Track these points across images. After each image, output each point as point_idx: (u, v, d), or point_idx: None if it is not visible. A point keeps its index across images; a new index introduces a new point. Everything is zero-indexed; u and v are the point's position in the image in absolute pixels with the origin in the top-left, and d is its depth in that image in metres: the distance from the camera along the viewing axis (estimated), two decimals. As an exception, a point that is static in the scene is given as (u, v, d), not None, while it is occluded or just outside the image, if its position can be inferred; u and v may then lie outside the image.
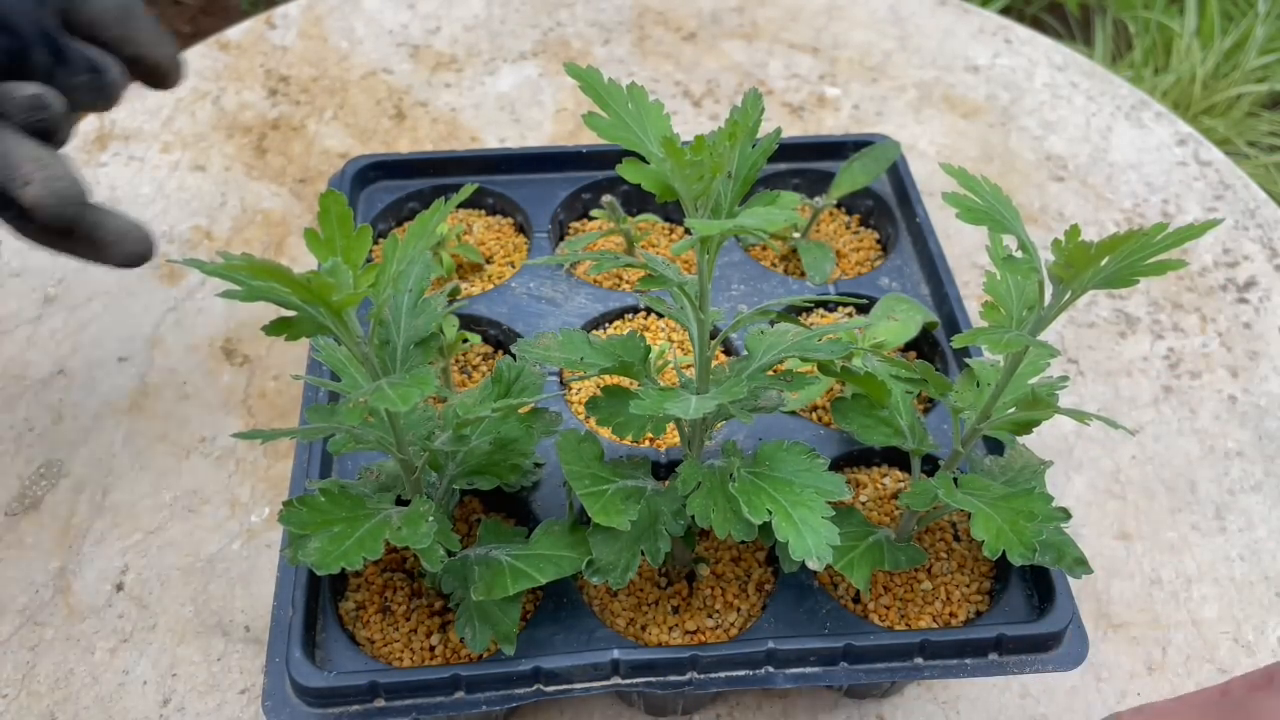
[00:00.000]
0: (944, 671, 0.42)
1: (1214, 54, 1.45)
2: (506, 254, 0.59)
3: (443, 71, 0.79)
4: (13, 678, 0.48)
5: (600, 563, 0.40)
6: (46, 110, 0.42)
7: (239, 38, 0.81)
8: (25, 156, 0.41)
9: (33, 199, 0.40)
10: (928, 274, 0.57)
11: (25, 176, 0.40)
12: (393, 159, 0.60)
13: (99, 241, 0.45)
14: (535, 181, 0.60)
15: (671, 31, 0.83)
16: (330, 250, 0.33)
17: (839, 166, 0.60)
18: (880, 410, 0.44)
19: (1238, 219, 0.71)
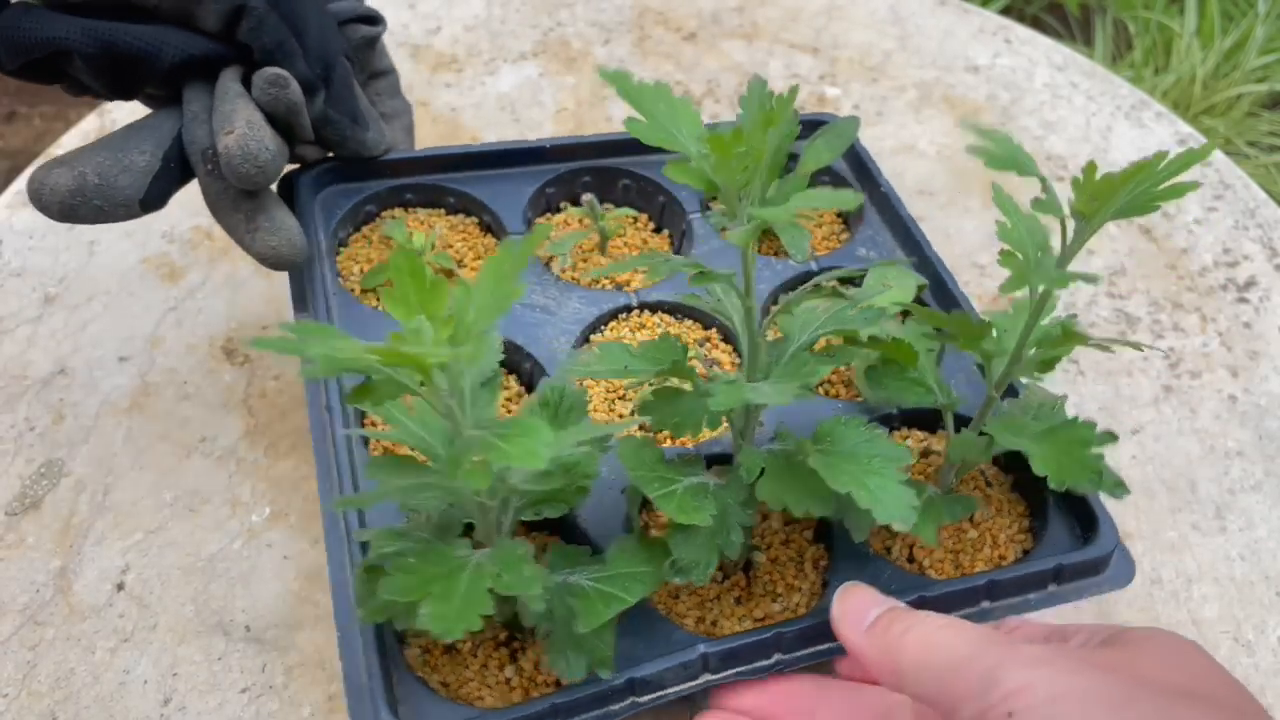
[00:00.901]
0: (1009, 610, 0.44)
1: (1214, 54, 1.46)
2: (477, 255, 0.57)
3: (443, 71, 0.79)
4: (13, 677, 0.48)
5: (683, 562, 0.39)
6: (285, 89, 0.45)
7: (239, 38, 0.81)
8: (243, 116, 0.44)
9: (224, 146, 0.43)
10: (902, 240, 0.58)
11: (231, 127, 0.43)
12: (348, 167, 0.57)
13: (252, 224, 0.46)
14: (496, 178, 0.59)
15: (671, 31, 0.83)
16: (410, 310, 0.32)
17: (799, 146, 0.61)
18: (910, 372, 0.45)
19: (1238, 219, 0.71)
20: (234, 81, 0.46)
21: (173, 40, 0.45)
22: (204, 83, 0.46)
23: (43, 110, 1.63)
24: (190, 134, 0.46)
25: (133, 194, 0.44)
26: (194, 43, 0.45)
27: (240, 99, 0.45)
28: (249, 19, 0.45)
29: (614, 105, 0.77)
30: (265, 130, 0.44)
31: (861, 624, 0.38)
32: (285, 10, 0.46)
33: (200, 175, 0.46)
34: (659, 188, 0.59)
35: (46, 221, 0.67)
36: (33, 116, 1.62)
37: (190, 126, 0.46)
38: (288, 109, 0.46)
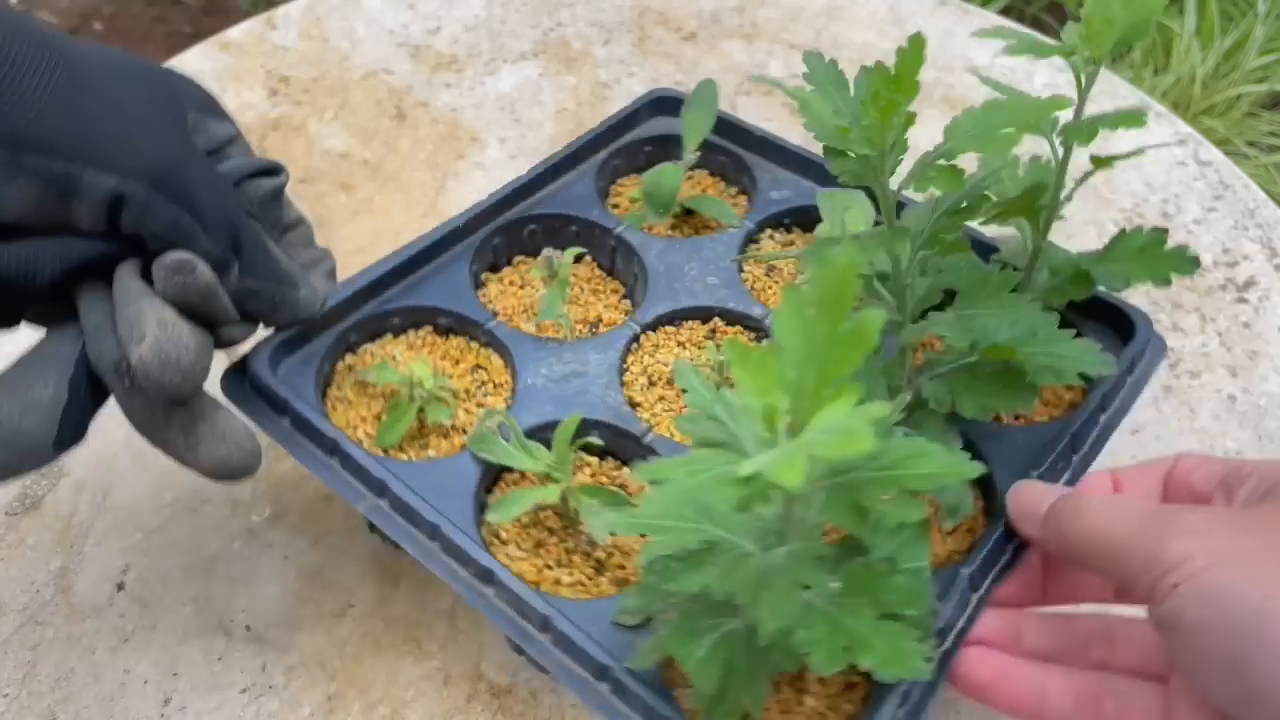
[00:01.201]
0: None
1: (1214, 54, 1.46)
2: (456, 362, 0.53)
3: (443, 72, 0.79)
4: (13, 677, 0.48)
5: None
6: (192, 274, 0.39)
7: (240, 38, 0.81)
8: (151, 317, 0.38)
9: (138, 358, 0.37)
10: (821, 177, 0.59)
11: (141, 333, 0.37)
12: (287, 337, 0.52)
13: (191, 437, 0.40)
14: (430, 275, 0.55)
15: (672, 31, 0.83)
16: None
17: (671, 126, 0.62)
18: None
19: (1237, 219, 0.71)
20: (133, 279, 0.39)
21: (46, 253, 0.38)
22: (99, 288, 0.39)
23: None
24: (96, 350, 0.39)
25: (43, 436, 0.38)
26: (72, 249, 0.38)
27: (144, 298, 0.38)
28: (130, 207, 0.37)
29: (614, 105, 0.77)
30: (181, 328, 0.38)
31: (1037, 517, 0.41)
32: (170, 187, 0.38)
33: (118, 394, 0.40)
34: (567, 219, 0.58)
35: (47, 222, 0.67)
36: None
37: (94, 342, 0.39)
38: (201, 295, 0.39)
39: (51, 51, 0.36)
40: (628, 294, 0.57)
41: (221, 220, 0.40)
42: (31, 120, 0.35)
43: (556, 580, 0.45)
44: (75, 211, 0.37)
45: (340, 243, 0.67)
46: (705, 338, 0.54)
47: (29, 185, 0.36)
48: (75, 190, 0.36)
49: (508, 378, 0.51)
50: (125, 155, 0.37)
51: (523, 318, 0.54)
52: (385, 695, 0.48)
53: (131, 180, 0.37)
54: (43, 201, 0.36)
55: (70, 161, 0.36)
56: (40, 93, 0.35)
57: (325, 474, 0.45)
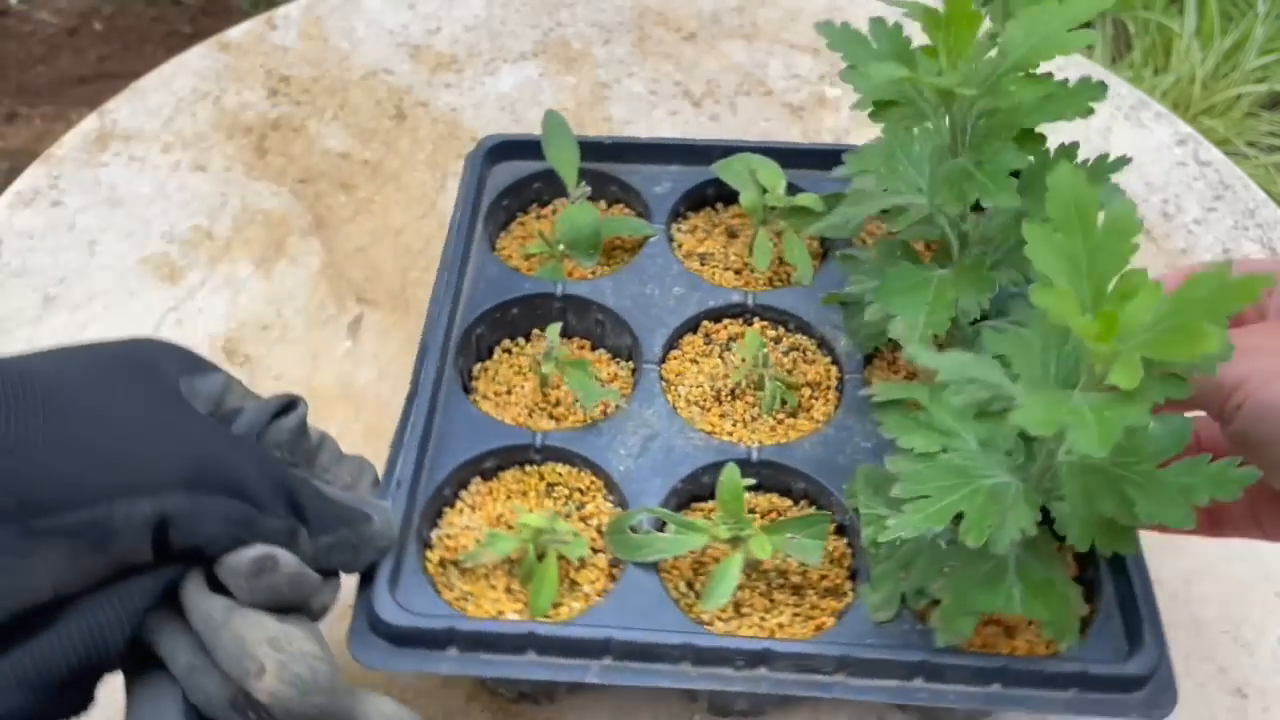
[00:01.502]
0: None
1: (1214, 54, 1.46)
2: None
3: (443, 72, 0.79)
4: (14, 677, 0.48)
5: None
6: (275, 570, 0.34)
7: (239, 38, 0.81)
8: (259, 640, 0.33)
9: (267, 691, 0.32)
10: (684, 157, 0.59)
11: (258, 664, 0.33)
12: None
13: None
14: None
15: (671, 32, 0.83)
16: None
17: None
18: None
19: (1237, 219, 0.71)
20: (208, 597, 0.34)
21: (108, 618, 0.33)
22: (168, 618, 0.34)
23: (43, 111, 1.63)
24: (200, 695, 0.34)
25: None
26: (132, 599, 0.33)
27: (233, 617, 0.34)
28: (177, 523, 0.33)
29: (614, 105, 0.77)
30: (296, 638, 0.34)
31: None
32: (209, 481, 0.34)
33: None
34: (503, 306, 0.53)
35: (47, 221, 0.67)
36: (33, 117, 1.62)
37: (195, 688, 0.34)
38: (290, 584, 0.35)
39: (17, 388, 0.32)
40: (598, 344, 0.54)
41: (272, 490, 0.36)
42: (28, 478, 0.31)
43: (778, 625, 0.44)
44: (116, 554, 0.32)
45: (340, 243, 0.67)
46: (703, 343, 0.53)
47: (53, 551, 0.31)
48: (109, 533, 0.32)
49: (591, 476, 0.48)
50: (147, 470, 0.33)
51: (543, 416, 0.51)
52: (386, 695, 0.47)
53: (167, 493, 0.33)
54: (75, 560, 0.32)
55: (92, 505, 0.32)
56: (28, 444, 0.31)
57: (523, 672, 0.40)
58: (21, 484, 0.31)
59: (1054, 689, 0.41)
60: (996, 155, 0.43)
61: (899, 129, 0.47)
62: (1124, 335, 0.32)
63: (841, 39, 0.48)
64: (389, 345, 0.62)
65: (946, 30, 0.40)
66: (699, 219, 0.60)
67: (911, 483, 0.38)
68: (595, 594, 0.44)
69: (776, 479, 0.48)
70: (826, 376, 0.52)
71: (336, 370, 0.61)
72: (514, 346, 0.54)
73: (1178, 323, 0.31)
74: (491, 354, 0.54)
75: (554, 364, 0.49)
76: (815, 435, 0.49)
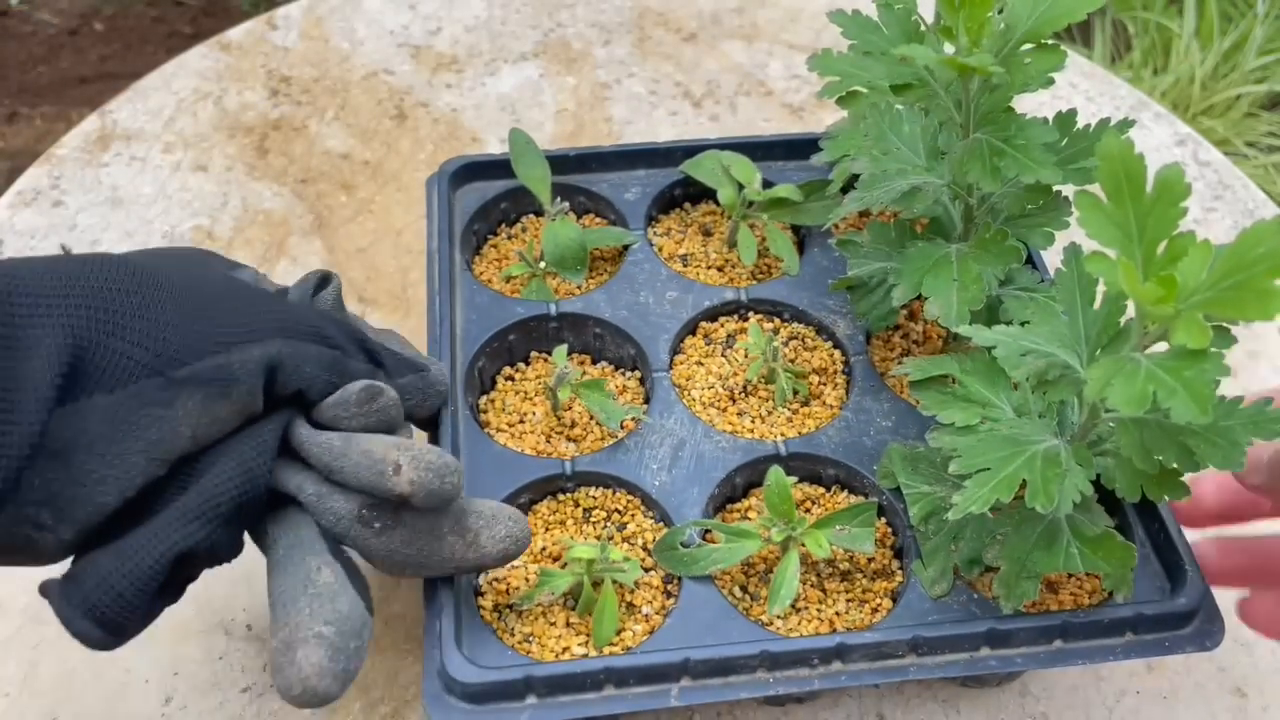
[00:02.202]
0: None
1: (1213, 55, 1.46)
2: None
3: (443, 72, 0.79)
4: (15, 676, 0.48)
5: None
6: (382, 395, 0.39)
7: (240, 38, 0.81)
8: (386, 446, 0.37)
9: (408, 481, 0.36)
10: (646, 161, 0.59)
11: (394, 463, 0.37)
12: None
13: (469, 534, 0.39)
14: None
15: (671, 32, 0.83)
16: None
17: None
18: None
19: (1237, 219, 0.71)
20: (320, 432, 0.39)
21: (248, 453, 0.37)
22: (288, 462, 0.39)
23: (44, 111, 1.63)
24: (330, 517, 0.38)
25: (366, 609, 0.37)
26: (261, 437, 0.38)
27: (355, 438, 0.38)
28: (284, 366, 0.38)
29: (614, 105, 0.77)
30: (414, 440, 0.38)
31: (1260, 468, 0.42)
32: (300, 331, 0.39)
33: (367, 546, 0.38)
34: (500, 335, 0.52)
35: (48, 221, 0.67)
36: (34, 117, 1.62)
37: (324, 508, 0.38)
38: (395, 410, 0.40)
39: (138, 270, 0.36)
40: (598, 358, 0.54)
41: (349, 339, 0.41)
42: (161, 337, 0.35)
43: (835, 615, 0.44)
44: (236, 400, 0.37)
45: (340, 243, 0.67)
46: (704, 343, 0.54)
47: (190, 399, 0.35)
48: (231, 377, 0.36)
49: (627, 495, 0.48)
50: (249, 327, 0.38)
51: (561, 440, 0.50)
52: (386, 694, 0.48)
53: (269, 341, 0.38)
54: (207, 406, 0.36)
55: (214, 355, 0.36)
56: (156, 310, 0.36)
57: (605, 708, 0.40)
58: (156, 342, 0.35)
59: (1112, 636, 0.42)
60: (1026, 130, 0.45)
61: (886, 112, 0.48)
62: (1182, 296, 0.33)
63: (854, 26, 0.50)
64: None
65: (964, 10, 0.42)
66: (671, 221, 0.59)
67: (968, 457, 0.39)
68: (655, 613, 0.44)
69: (806, 469, 0.49)
70: (831, 361, 0.53)
71: (337, 370, 0.61)
72: (515, 373, 0.53)
73: (1240, 280, 0.32)
74: (494, 384, 0.52)
75: (570, 388, 0.48)
76: (837, 421, 0.50)
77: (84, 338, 0.34)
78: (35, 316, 0.33)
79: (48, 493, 0.33)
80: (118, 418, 0.34)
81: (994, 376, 0.44)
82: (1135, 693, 0.50)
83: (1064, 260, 0.41)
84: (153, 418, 0.35)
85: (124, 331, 0.35)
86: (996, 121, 0.45)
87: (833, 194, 0.55)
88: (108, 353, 0.34)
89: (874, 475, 0.47)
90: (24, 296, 0.33)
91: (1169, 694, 0.50)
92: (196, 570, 0.38)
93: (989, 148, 0.45)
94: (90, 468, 0.33)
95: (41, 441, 0.32)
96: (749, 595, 0.45)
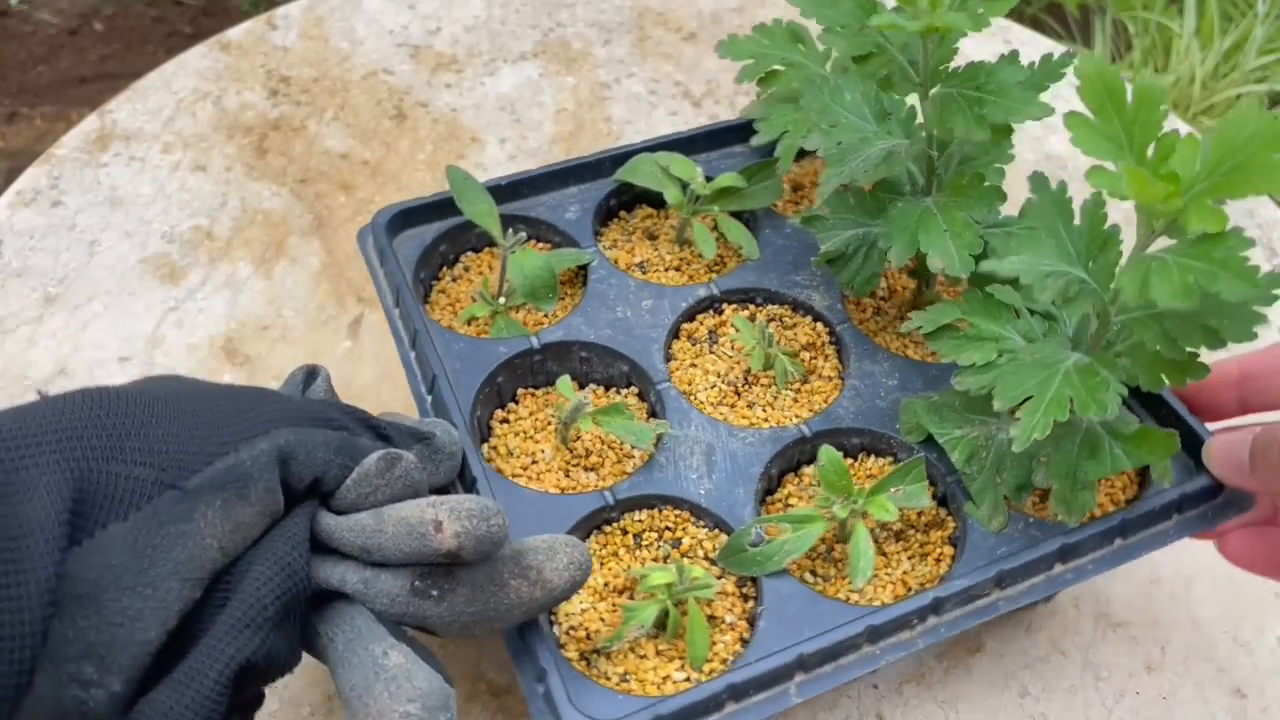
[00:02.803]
0: None
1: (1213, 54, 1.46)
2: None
3: (443, 72, 0.79)
4: (14, 677, 0.48)
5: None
6: (400, 460, 0.38)
7: (240, 38, 0.81)
8: (420, 508, 0.36)
9: (453, 533, 0.35)
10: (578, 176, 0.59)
11: (433, 519, 0.35)
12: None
13: (531, 571, 0.37)
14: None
15: (672, 32, 0.83)
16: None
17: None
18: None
19: (1236, 219, 0.71)
20: (346, 518, 0.37)
21: (283, 550, 0.35)
22: (321, 558, 0.37)
23: (44, 111, 1.63)
24: (382, 598, 0.36)
25: (444, 681, 0.36)
26: (293, 533, 0.36)
27: (385, 510, 0.36)
28: (295, 455, 0.36)
29: (614, 105, 0.77)
30: (447, 494, 0.38)
31: (1243, 468, 0.43)
32: (307, 417, 0.38)
33: (431, 615, 0.37)
34: (490, 379, 0.50)
35: (47, 221, 0.67)
36: (34, 117, 1.63)
37: (373, 593, 0.36)
38: (417, 474, 0.38)
39: (124, 393, 0.35)
40: (585, 382, 0.53)
41: (352, 418, 0.40)
42: (163, 450, 0.33)
43: (904, 574, 0.45)
44: (257, 501, 0.35)
45: (339, 243, 0.67)
46: (690, 344, 0.53)
47: (209, 507, 0.33)
48: (246, 476, 0.35)
49: (673, 511, 0.47)
50: (249, 423, 0.36)
51: (580, 472, 0.48)
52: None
53: (276, 432, 0.36)
54: (229, 513, 0.34)
55: (224, 455, 0.34)
56: (150, 426, 0.34)
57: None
58: (159, 457, 0.33)
59: (1161, 523, 0.45)
60: (996, 76, 0.46)
61: (824, 85, 0.50)
62: (1184, 189, 0.36)
63: (812, 4, 0.51)
64: (389, 345, 0.62)
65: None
66: (614, 232, 0.59)
67: (1007, 390, 0.41)
68: (738, 619, 0.44)
69: (831, 443, 0.49)
70: (816, 334, 0.54)
71: (337, 370, 0.61)
72: (509, 415, 0.50)
73: (1239, 162, 0.35)
74: (491, 431, 0.50)
75: (589, 419, 0.47)
76: (846, 391, 0.50)
77: (82, 469, 0.31)
78: (25, 458, 0.31)
79: (85, 643, 0.30)
80: (139, 544, 0.32)
81: (994, 311, 0.46)
82: (1135, 693, 0.50)
83: (1033, 189, 0.43)
84: (175, 535, 0.32)
85: (123, 453, 0.32)
86: (954, 74, 0.47)
87: (784, 173, 0.57)
88: (111, 478, 0.32)
89: (897, 433, 0.48)
90: (8, 440, 0.31)
91: (1169, 694, 0.50)
92: (259, 686, 0.35)
93: (963, 99, 0.46)
94: (123, 604, 0.31)
95: (63, 587, 0.30)
96: (819, 577, 0.46)
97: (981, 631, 0.51)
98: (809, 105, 0.50)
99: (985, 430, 0.46)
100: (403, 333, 0.50)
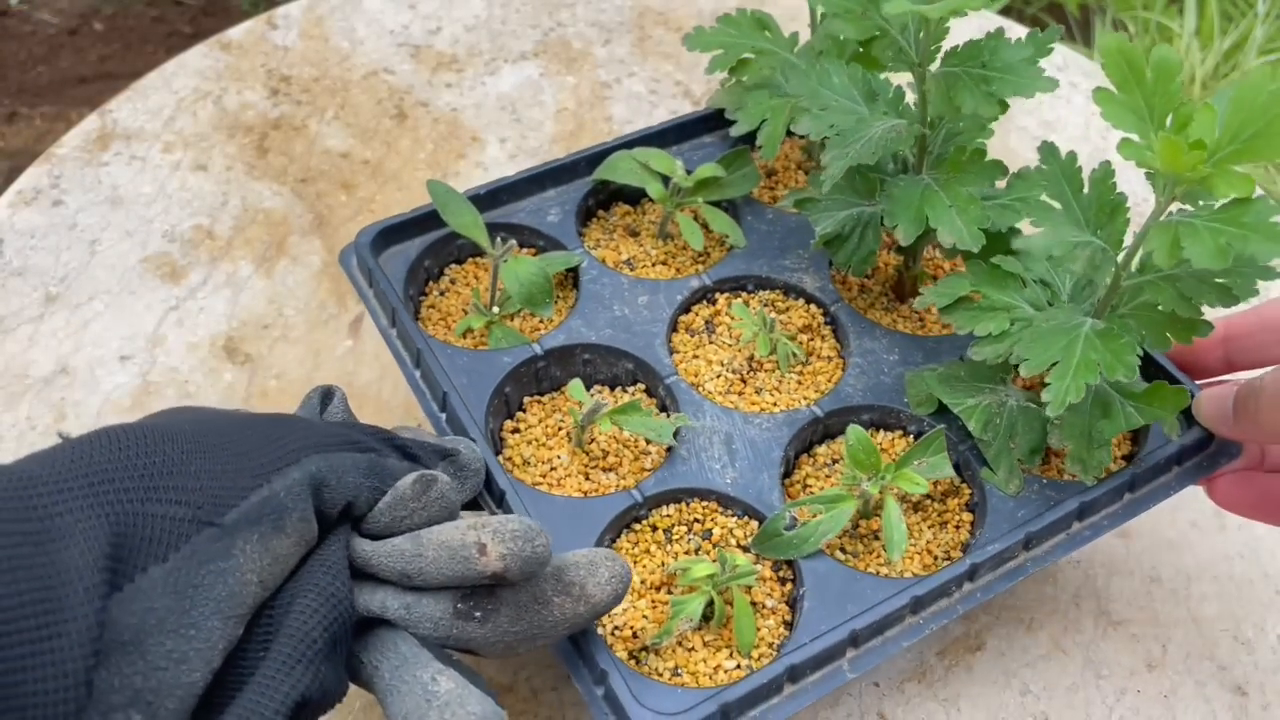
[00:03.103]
0: None
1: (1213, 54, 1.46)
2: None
3: (443, 72, 0.79)
4: (15, 675, 0.48)
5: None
6: (436, 482, 0.37)
7: (240, 38, 0.81)
8: (460, 531, 0.36)
9: (499, 555, 0.35)
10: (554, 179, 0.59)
11: (477, 543, 0.35)
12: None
13: (574, 587, 0.37)
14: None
15: (672, 31, 0.83)
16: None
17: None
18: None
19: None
20: (383, 543, 0.37)
21: (323, 580, 0.35)
22: (360, 585, 0.37)
23: (44, 111, 1.63)
24: (425, 622, 0.36)
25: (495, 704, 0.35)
26: (330, 561, 0.36)
27: (424, 534, 0.36)
28: (327, 482, 0.36)
29: (614, 105, 0.77)
30: (491, 519, 0.36)
31: (1228, 420, 0.45)
32: (334, 442, 0.37)
33: (476, 638, 0.36)
34: (497, 390, 0.50)
35: (48, 221, 0.67)
36: (34, 117, 1.63)
37: (415, 618, 0.36)
38: (452, 494, 0.38)
39: (147, 430, 0.34)
40: (589, 383, 0.52)
41: (377, 439, 0.39)
42: (195, 488, 0.33)
43: (928, 544, 0.47)
44: (292, 531, 0.34)
45: (340, 242, 0.67)
46: (689, 336, 0.53)
47: (247, 542, 0.33)
48: (280, 507, 0.34)
49: (700, 503, 0.47)
50: (282, 451, 0.36)
51: (600, 473, 0.48)
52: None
53: (306, 460, 0.36)
54: (266, 546, 0.34)
55: (257, 489, 0.34)
56: (179, 464, 0.33)
57: (794, 705, 0.40)
58: (194, 494, 0.33)
59: (1165, 474, 0.47)
60: (1000, 54, 0.47)
61: (812, 69, 0.50)
62: (1209, 156, 0.37)
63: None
64: (390, 344, 0.62)
65: None
66: (596, 232, 0.59)
67: (1034, 357, 0.43)
68: (779, 602, 0.44)
69: (842, 423, 0.50)
70: (811, 316, 0.54)
71: (337, 370, 0.61)
72: (519, 425, 0.50)
73: (1260, 129, 0.36)
74: (503, 443, 0.50)
75: (607, 419, 0.47)
76: (851, 369, 0.51)
77: (118, 512, 0.31)
78: (59, 504, 0.30)
79: (131, 690, 0.29)
80: (180, 585, 0.31)
81: (1001, 281, 0.47)
82: (1136, 692, 0.50)
83: (1043, 159, 0.45)
84: (216, 573, 0.32)
85: (158, 493, 0.32)
86: (954, 53, 0.48)
87: (765, 160, 0.58)
88: (148, 520, 0.31)
89: (905, 407, 0.49)
90: (41, 486, 0.31)
91: (1169, 693, 0.50)
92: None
93: (969, 77, 0.47)
94: (168, 647, 0.30)
95: (106, 635, 0.29)
96: (850, 554, 0.46)
97: (982, 630, 0.51)
98: (795, 90, 0.50)
99: (996, 397, 0.48)
100: (404, 352, 0.50)
